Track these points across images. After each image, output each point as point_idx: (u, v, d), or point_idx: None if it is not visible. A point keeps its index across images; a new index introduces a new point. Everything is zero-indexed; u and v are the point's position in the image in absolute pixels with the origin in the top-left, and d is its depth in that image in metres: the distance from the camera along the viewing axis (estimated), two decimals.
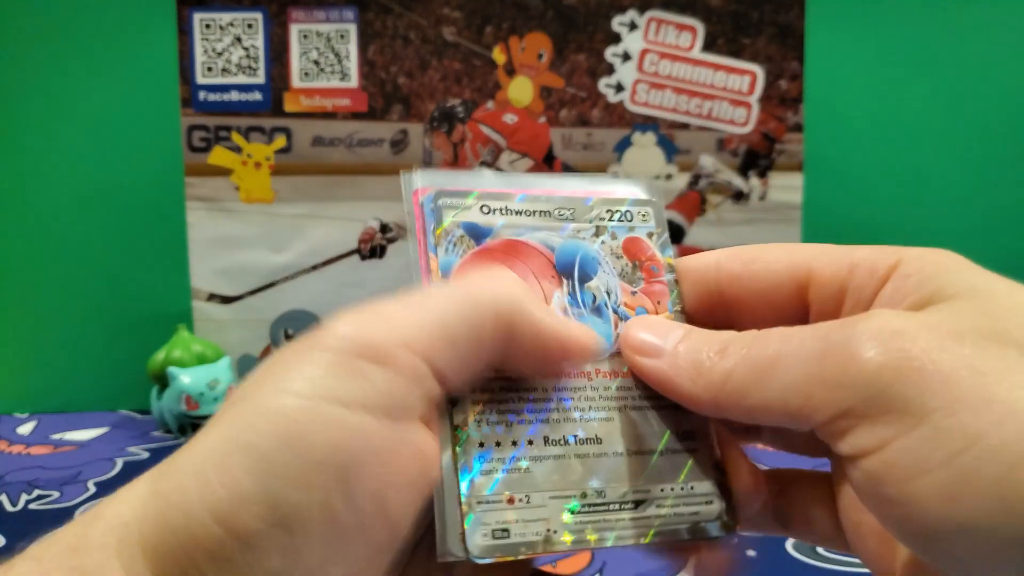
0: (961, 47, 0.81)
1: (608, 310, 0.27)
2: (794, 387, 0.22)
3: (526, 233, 0.27)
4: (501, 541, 0.24)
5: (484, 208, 0.27)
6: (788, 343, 0.23)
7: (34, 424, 0.78)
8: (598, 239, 0.28)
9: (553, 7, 0.76)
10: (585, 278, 0.27)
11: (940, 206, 0.82)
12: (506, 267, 0.27)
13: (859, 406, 0.21)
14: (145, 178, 0.80)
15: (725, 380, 0.23)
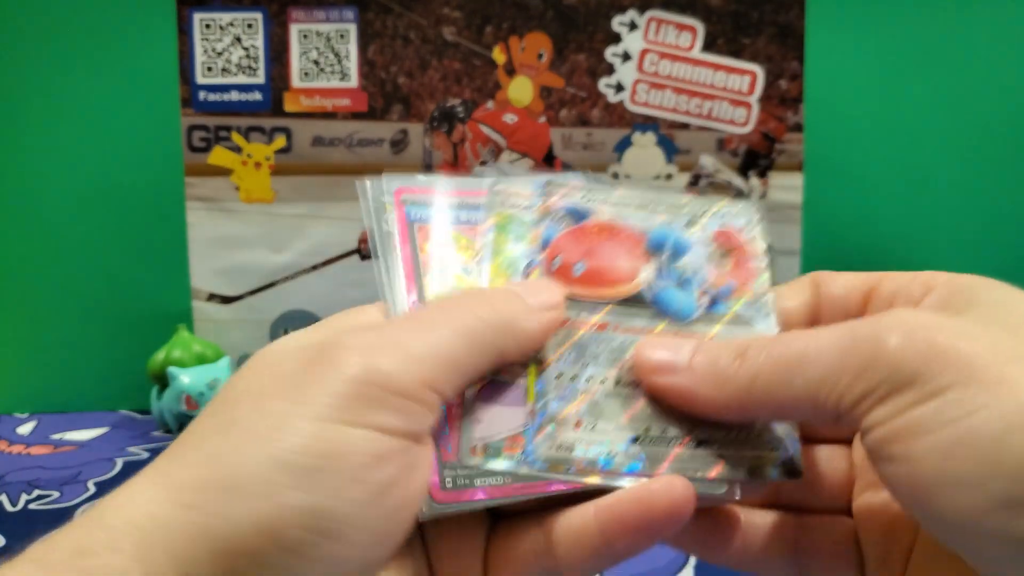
0: (961, 47, 0.81)
1: (693, 286, 0.30)
2: (822, 379, 0.24)
3: (622, 219, 0.31)
4: (563, 455, 0.26)
5: (586, 195, 0.31)
6: (815, 340, 0.24)
7: (34, 424, 0.78)
8: (690, 228, 0.31)
9: (553, 7, 0.76)
10: (675, 257, 0.30)
11: (940, 206, 0.82)
12: (600, 242, 0.30)
13: (883, 386, 0.23)
14: (145, 178, 0.80)
15: (752, 382, 0.25)
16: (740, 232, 0.31)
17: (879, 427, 0.23)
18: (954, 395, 0.22)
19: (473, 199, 0.31)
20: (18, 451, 0.71)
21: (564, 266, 0.29)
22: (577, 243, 0.30)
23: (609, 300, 0.29)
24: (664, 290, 0.29)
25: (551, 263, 0.29)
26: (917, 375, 0.22)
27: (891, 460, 0.23)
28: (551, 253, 0.29)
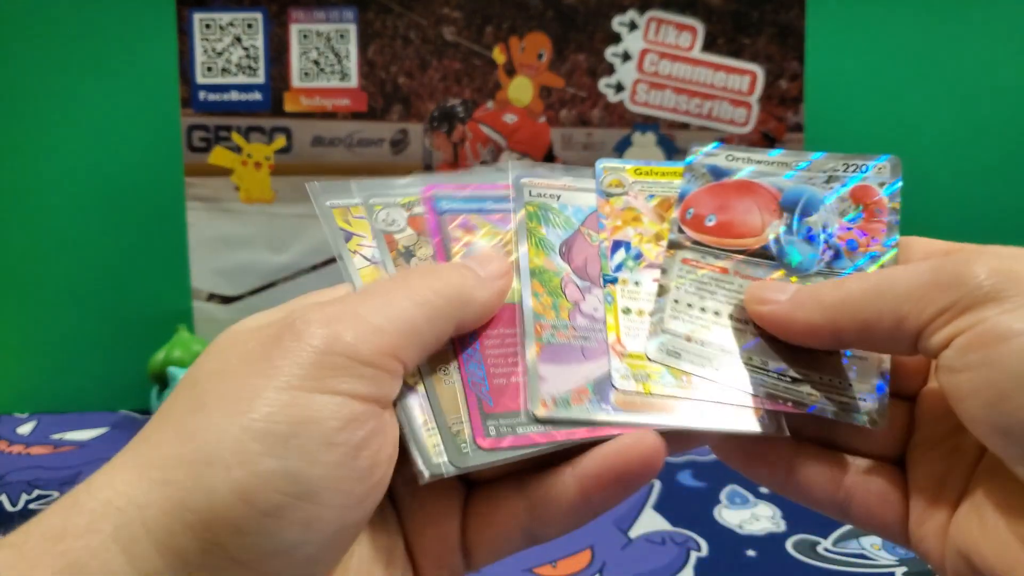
0: (961, 47, 0.81)
1: (819, 239, 0.31)
2: (907, 293, 0.25)
3: (761, 177, 0.32)
4: (671, 358, 0.29)
5: (730, 157, 0.33)
6: (904, 268, 0.26)
7: (34, 424, 0.78)
8: (828, 185, 0.32)
9: (553, 7, 0.76)
10: (805, 214, 0.31)
11: (940, 206, 0.82)
12: (734, 198, 0.32)
13: (966, 298, 0.24)
14: (145, 178, 0.80)
15: (843, 301, 0.27)
16: (878, 188, 0.32)
17: (958, 337, 0.24)
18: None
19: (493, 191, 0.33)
20: (18, 451, 0.71)
21: (696, 217, 0.32)
22: (712, 198, 0.32)
23: (736, 249, 0.31)
24: (789, 244, 0.31)
25: (684, 214, 0.32)
26: (1000, 291, 0.24)
27: (968, 368, 0.24)
28: (685, 205, 0.32)
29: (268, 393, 0.23)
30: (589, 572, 0.53)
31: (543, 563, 0.54)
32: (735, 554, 0.54)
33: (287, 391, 0.23)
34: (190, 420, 0.23)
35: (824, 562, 0.53)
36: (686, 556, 0.54)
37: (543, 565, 0.54)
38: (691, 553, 0.55)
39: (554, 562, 0.54)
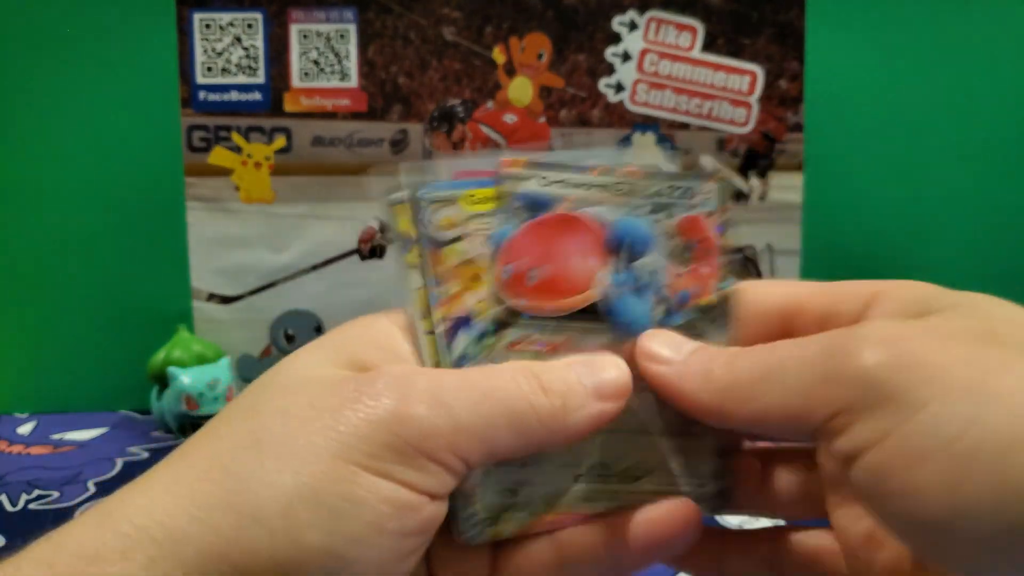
0: (962, 47, 0.80)
1: (650, 291, 0.27)
2: (795, 388, 0.23)
3: (582, 207, 0.27)
4: (509, 499, 0.26)
5: (544, 179, 0.27)
6: (792, 350, 0.24)
7: (34, 424, 0.78)
8: (654, 216, 0.28)
9: (553, 7, 0.76)
10: (634, 256, 0.27)
11: (940, 206, 0.82)
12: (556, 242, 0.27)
13: (858, 402, 0.22)
14: (145, 178, 0.80)
15: (731, 385, 0.24)
16: (708, 220, 0.28)
17: (863, 455, 0.21)
18: (938, 409, 0.20)
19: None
20: (18, 451, 0.71)
21: (517, 276, 0.27)
22: (531, 244, 0.27)
23: (563, 313, 0.27)
24: (620, 299, 0.27)
25: (502, 272, 0.27)
26: (893, 389, 0.21)
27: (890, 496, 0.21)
28: (503, 259, 0.27)
29: (327, 460, 0.22)
30: None
31: None
32: None
33: (346, 464, 0.22)
34: (243, 460, 0.23)
35: None
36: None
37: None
38: None
39: None
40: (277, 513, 0.22)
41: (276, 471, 0.22)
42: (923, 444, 0.20)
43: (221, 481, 0.22)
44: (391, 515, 0.23)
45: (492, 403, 0.24)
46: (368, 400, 0.23)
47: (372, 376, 0.24)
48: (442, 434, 0.23)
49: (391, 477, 0.23)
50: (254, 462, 0.22)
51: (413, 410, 0.23)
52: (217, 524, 0.22)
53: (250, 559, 0.21)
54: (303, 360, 0.26)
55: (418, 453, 0.23)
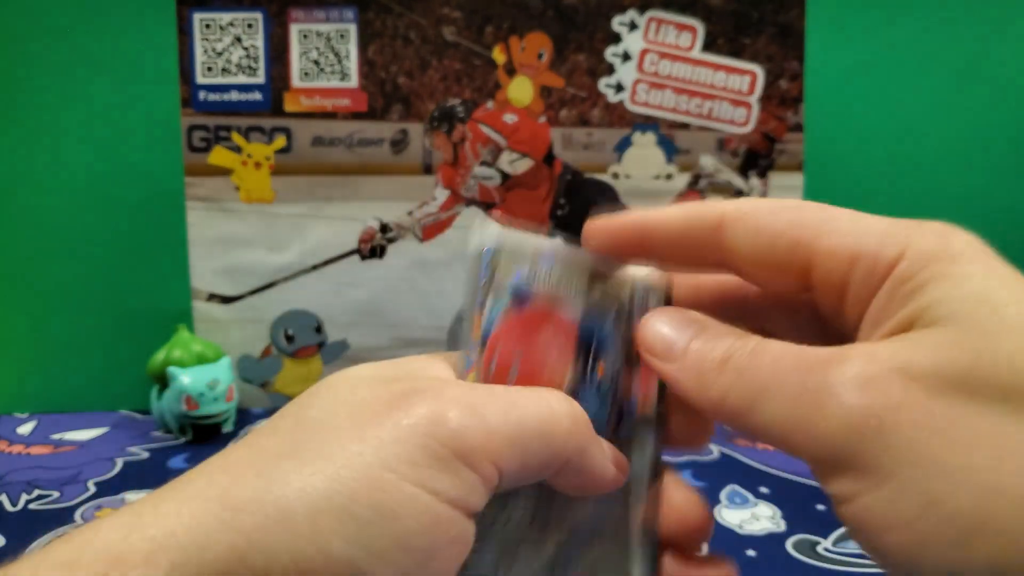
0: (961, 47, 0.81)
1: (608, 393, 0.28)
2: (776, 424, 0.23)
3: (559, 304, 0.28)
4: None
5: (531, 272, 0.28)
6: (774, 375, 0.23)
7: (34, 424, 0.78)
8: (616, 321, 0.28)
9: (553, 7, 0.76)
10: (597, 358, 0.28)
11: (940, 206, 0.82)
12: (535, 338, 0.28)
13: (830, 459, 0.22)
14: (145, 178, 0.80)
15: (723, 400, 0.24)
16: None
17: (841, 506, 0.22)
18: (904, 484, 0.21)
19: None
20: (18, 451, 0.71)
21: (499, 370, 0.27)
22: (513, 339, 0.27)
23: None
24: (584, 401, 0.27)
25: (488, 366, 0.27)
26: (862, 454, 0.21)
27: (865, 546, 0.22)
28: (489, 353, 0.27)
29: (362, 466, 0.22)
30: None
31: None
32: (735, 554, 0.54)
33: (381, 472, 0.22)
34: (278, 465, 0.22)
35: (824, 562, 0.53)
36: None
37: None
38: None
39: None
40: (303, 516, 0.21)
41: (309, 474, 0.22)
42: (888, 515, 0.21)
43: (253, 484, 0.22)
44: (420, 531, 0.22)
45: (521, 411, 0.24)
46: (403, 408, 0.23)
47: (405, 388, 0.24)
48: (476, 436, 0.23)
49: (425, 486, 0.22)
50: (289, 467, 0.22)
51: (447, 414, 0.23)
52: (241, 524, 0.21)
53: (269, 561, 0.21)
54: (358, 369, 0.26)
55: (454, 456, 0.23)
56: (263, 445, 0.24)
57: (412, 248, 0.78)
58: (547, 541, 0.27)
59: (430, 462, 0.22)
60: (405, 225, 0.78)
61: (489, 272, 0.28)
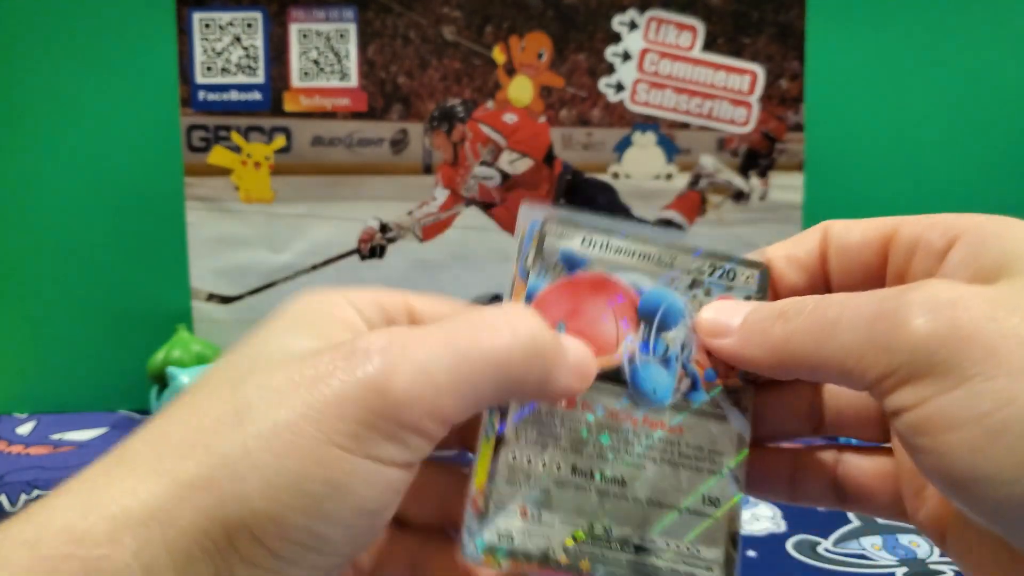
0: (962, 47, 0.80)
1: (676, 363, 0.28)
2: (848, 348, 0.24)
3: (619, 272, 0.28)
4: (503, 545, 0.26)
5: (586, 240, 0.28)
6: (846, 307, 0.24)
7: (34, 424, 0.78)
8: (690, 291, 0.28)
9: (553, 7, 0.76)
10: (663, 327, 0.28)
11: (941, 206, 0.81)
12: (588, 301, 0.27)
13: (905, 368, 0.22)
14: (145, 178, 0.80)
15: (787, 340, 0.25)
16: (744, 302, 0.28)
17: (904, 413, 0.23)
18: (980, 385, 0.21)
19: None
20: (18, 451, 0.71)
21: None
22: (563, 299, 0.27)
23: None
24: (644, 366, 0.27)
25: None
26: (939, 361, 0.22)
27: (920, 450, 0.22)
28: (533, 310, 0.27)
29: (308, 442, 0.22)
30: None
31: None
32: None
33: (328, 447, 0.22)
34: (225, 438, 0.23)
35: (824, 562, 0.53)
36: None
37: None
38: None
39: None
40: (259, 494, 0.22)
41: (258, 451, 0.22)
42: (957, 414, 0.21)
43: (204, 460, 0.22)
44: (374, 497, 0.23)
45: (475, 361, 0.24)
46: (342, 374, 0.23)
47: (348, 348, 0.23)
48: (423, 403, 0.23)
49: (372, 457, 0.23)
50: (236, 440, 0.22)
51: (392, 383, 0.23)
52: (200, 503, 0.22)
53: (230, 534, 0.22)
54: (278, 334, 0.26)
55: (398, 427, 0.23)
56: (204, 411, 0.23)
57: (412, 248, 0.78)
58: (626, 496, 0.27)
59: (375, 434, 0.23)
60: (405, 225, 0.78)
61: (536, 243, 0.28)
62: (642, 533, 0.27)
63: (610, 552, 0.26)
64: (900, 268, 0.27)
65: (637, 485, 0.27)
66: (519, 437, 0.27)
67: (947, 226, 0.26)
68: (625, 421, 0.27)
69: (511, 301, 0.28)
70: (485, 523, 0.26)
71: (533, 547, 0.26)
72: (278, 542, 0.22)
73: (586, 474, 0.27)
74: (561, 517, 0.26)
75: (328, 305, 0.27)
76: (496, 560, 0.26)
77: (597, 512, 0.27)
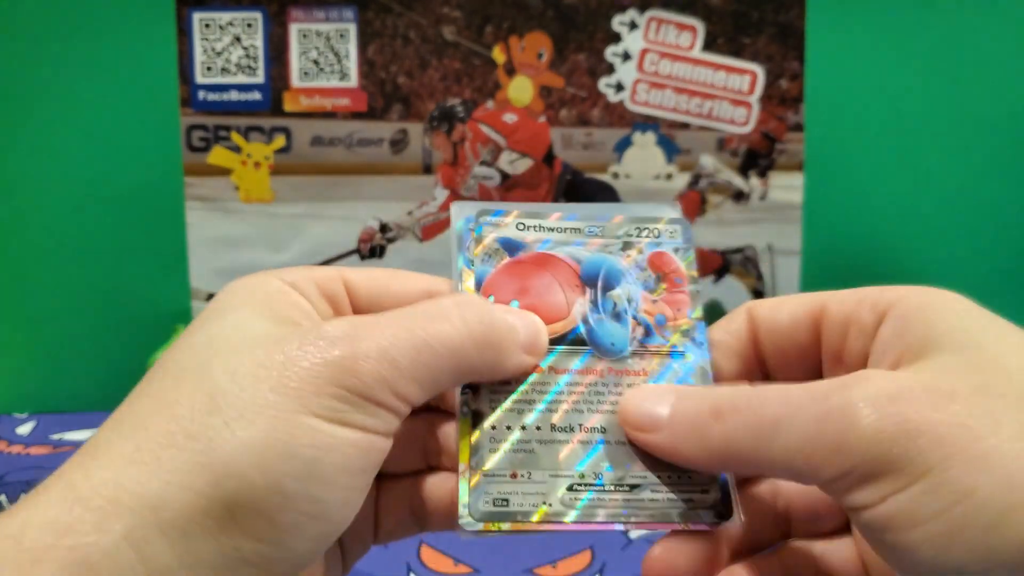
0: (962, 47, 0.80)
1: (627, 316, 0.30)
2: (796, 449, 0.24)
3: (556, 247, 0.31)
4: (500, 509, 0.27)
5: (520, 225, 0.31)
6: (786, 405, 0.24)
7: (34, 424, 0.78)
8: (625, 252, 0.31)
9: (553, 7, 0.76)
10: (608, 287, 0.30)
11: (941, 206, 0.82)
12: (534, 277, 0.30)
13: (860, 467, 0.23)
14: (145, 178, 0.80)
15: (727, 444, 0.25)
16: (675, 255, 0.31)
17: (865, 511, 0.23)
18: (936, 478, 0.22)
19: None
20: (18, 451, 0.71)
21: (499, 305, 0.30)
22: (511, 279, 0.30)
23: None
24: (599, 324, 0.30)
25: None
26: (894, 458, 0.22)
27: (885, 546, 0.23)
28: (484, 293, 0.30)
29: (288, 414, 0.24)
30: (589, 572, 0.53)
31: (543, 563, 0.54)
32: None
33: (307, 416, 0.24)
34: (205, 423, 0.23)
35: None
36: None
37: (543, 566, 0.54)
38: None
39: (554, 562, 0.54)
40: (254, 468, 0.23)
41: (242, 431, 0.23)
42: (918, 511, 0.22)
43: (187, 445, 0.23)
44: (357, 455, 0.24)
45: (435, 349, 0.26)
46: (313, 358, 0.24)
47: (314, 334, 0.25)
48: (388, 382, 0.25)
49: (348, 423, 0.24)
50: (217, 424, 0.23)
51: (359, 365, 0.24)
52: (192, 484, 0.22)
53: (233, 512, 0.23)
54: (237, 319, 0.26)
55: (366, 401, 0.24)
56: (177, 401, 0.24)
57: (412, 248, 0.78)
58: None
59: (346, 407, 0.24)
60: (405, 225, 0.78)
61: (474, 235, 0.31)
62: (632, 472, 0.28)
63: (606, 495, 0.27)
64: (835, 347, 0.28)
65: (617, 429, 0.28)
66: (494, 408, 0.28)
67: (874, 301, 0.27)
68: (592, 375, 0.29)
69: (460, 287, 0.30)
70: (478, 493, 0.27)
71: (530, 505, 0.27)
72: (280, 512, 0.23)
73: (566, 429, 0.28)
74: (551, 472, 0.28)
75: (272, 288, 0.28)
76: (496, 526, 0.27)
77: (585, 461, 0.28)
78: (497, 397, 0.29)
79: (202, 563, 0.22)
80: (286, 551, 0.24)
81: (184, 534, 0.22)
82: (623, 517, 0.27)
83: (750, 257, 0.78)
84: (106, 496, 0.22)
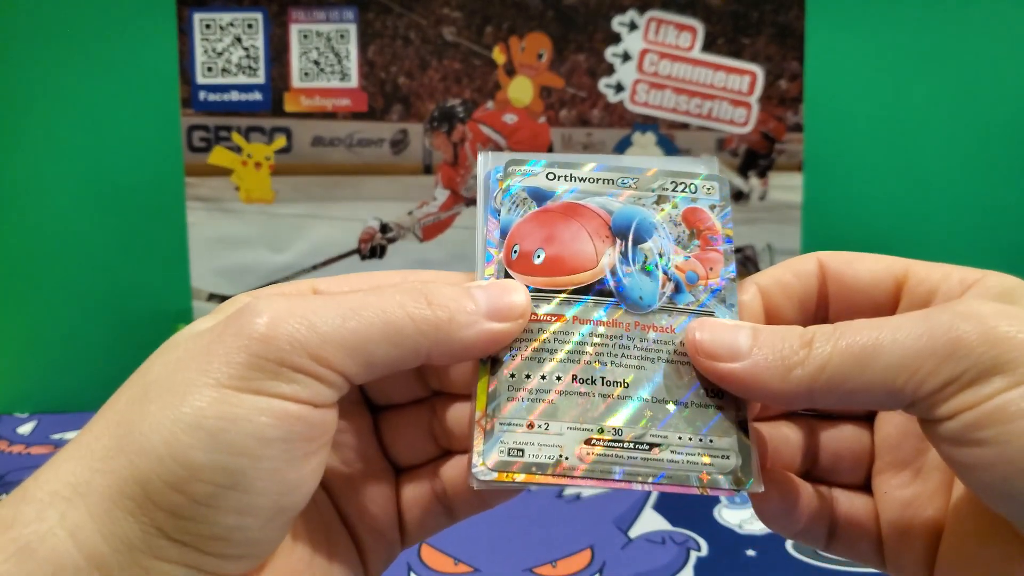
0: (962, 47, 0.81)
1: (658, 270, 0.29)
2: (899, 365, 0.24)
3: (587, 198, 0.30)
4: (515, 459, 0.26)
5: (550, 175, 0.30)
6: (884, 328, 0.25)
7: (34, 424, 0.78)
8: (658, 206, 0.30)
9: (553, 7, 0.76)
10: (639, 240, 0.29)
11: (941, 206, 0.82)
12: (561, 225, 0.29)
13: (970, 371, 0.23)
14: (145, 178, 0.80)
15: (821, 370, 0.25)
16: (710, 212, 0.30)
17: (967, 412, 0.23)
18: None
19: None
20: (18, 451, 0.71)
21: (523, 255, 0.29)
22: (538, 228, 0.29)
23: (569, 288, 0.28)
24: (627, 276, 0.29)
25: (510, 252, 0.29)
26: (1004, 362, 0.23)
27: (980, 443, 0.23)
28: (510, 242, 0.29)
29: (202, 389, 0.24)
30: (589, 572, 0.53)
31: (543, 563, 0.54)
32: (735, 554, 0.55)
33: (218, 389, 0.24)
34: (129, 411, 0.25)
35: (824, 562, 0.53)
36: (686, 556, 0.54)
37: (543, 565, 0.54)
38: (691, 553, 0.55)
39: (554, 562, 0.54)
40: (160, 443, 0.23)
41: (158, 410, 0.24)
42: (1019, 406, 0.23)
43: (115, 432, 0.24)
44: (272, 424, 0.24)
45: (363, 317, 0.25)
46: (231, 332, 0.25)
47: (237, 312, 0.25)
48: (304, 347, 0.24)
49: (263, 392, 0.24)
50: (141, 409, 0.24)
51: (271, 330, 0.24)
52: (112, 468, 0.24)
53: (145, 488, 0.23)
54: (191, 325, 0.28)
55: (281, 367, 0.24)
56: (116, 401, 0.26)
57: (412, 248, 0.78)
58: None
59: (259, 374, 0.24)
60: (405, 225, 0.78)
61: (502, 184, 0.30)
62: (653, 430, 0.27)
63: (624, 451, 0.27)
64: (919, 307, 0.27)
65: (639, 386, 0.28)
66: (515, 357, 0.27)
67: (962, 277, 0.27)
68: (618, 328, 0.28)
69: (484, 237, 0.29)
70: (493, 442, 0.26)
71: (546, 457, 0.26)
72: (191, 484, 0.23)
73: (587, 381, 0.27)
74: (569, 424, 0.27)
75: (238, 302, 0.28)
76: (510, 476, 0.26)
77: (604, 416, 0.27)
78: (518, 344, 0.27)
79: (128, 543, 0.23)
80: (214, 526, 0.24)
81: (108, 516, 0.23)
82: (640, 477, 0.26)
83: (750, 257, 0.78)
84: (47, 490, 0.24)
